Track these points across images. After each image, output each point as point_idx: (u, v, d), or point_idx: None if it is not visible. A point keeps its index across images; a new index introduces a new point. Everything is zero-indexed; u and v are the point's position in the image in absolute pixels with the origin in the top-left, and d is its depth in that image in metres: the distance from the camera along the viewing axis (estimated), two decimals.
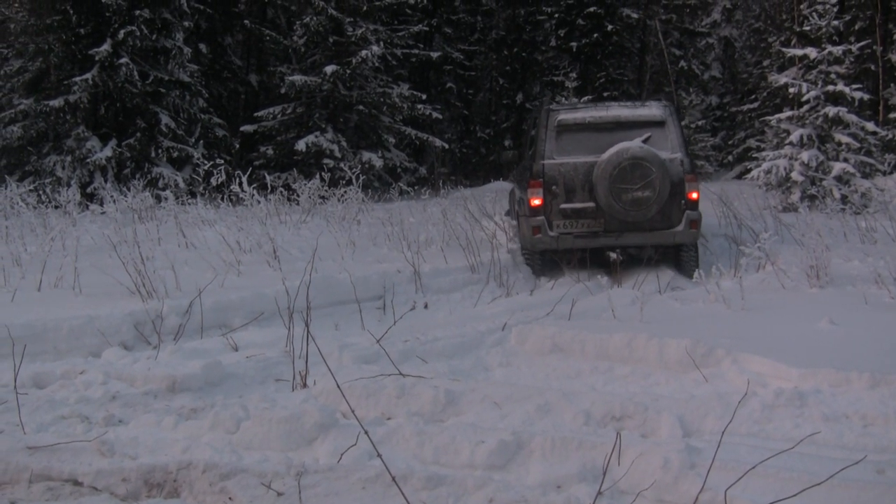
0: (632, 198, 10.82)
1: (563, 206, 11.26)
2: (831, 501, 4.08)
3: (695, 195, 11.22)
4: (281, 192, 17.57)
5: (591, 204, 11.15)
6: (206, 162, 17.71)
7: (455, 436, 5.01)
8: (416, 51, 34.18)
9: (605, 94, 34.52)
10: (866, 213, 15.81)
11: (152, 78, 25.64)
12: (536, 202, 11.31)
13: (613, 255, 11.11)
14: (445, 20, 38.72)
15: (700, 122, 37.42)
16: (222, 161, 18.62)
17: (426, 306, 10.21)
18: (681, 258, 11.65)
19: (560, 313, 8.97)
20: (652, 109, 11.54)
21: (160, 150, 25.60)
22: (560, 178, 11.27)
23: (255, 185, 14.98)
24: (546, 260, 12.05)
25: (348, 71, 27.98)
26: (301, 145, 27.02)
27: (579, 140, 11.42)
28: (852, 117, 19.46)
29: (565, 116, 11.55)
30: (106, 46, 24.51)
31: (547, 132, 11.48)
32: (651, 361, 6.89)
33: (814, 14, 20.92)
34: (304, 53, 29.88)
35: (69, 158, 24.91)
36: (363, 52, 27.62)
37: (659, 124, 11.39)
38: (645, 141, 11.10)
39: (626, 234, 11.22)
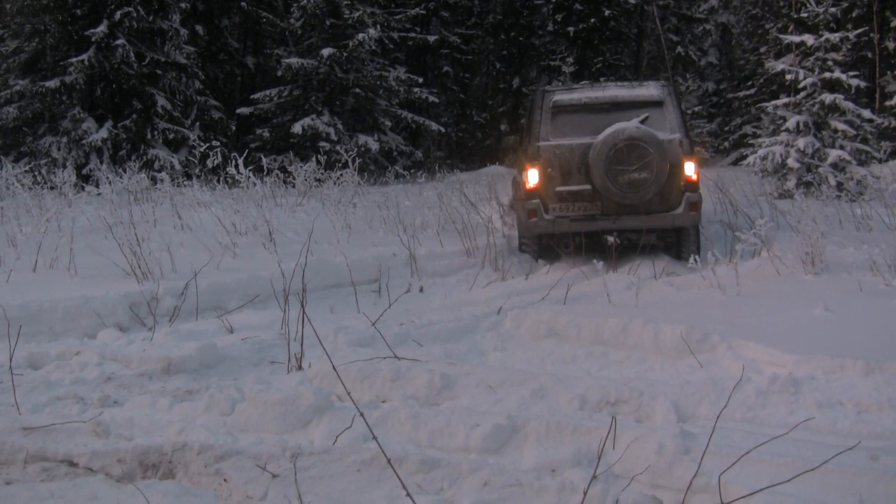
0: (628, 179, 10.55)
1: (559, 188, 10.95)
2: (825, 487, 4.10)
3: (694, 176, 10.98)
4: (277, 174, 17.51)
5: (588, 186, 10.86)
6: (202, 144, 17.67)
7: (450, 419, 5.01)
8: (412, 34, 34.12)
9: (602, 80, 34.42)
10: (862, 200, 15.78)
11: (149, 59, 25.57)
12: (531, 185, 11.04)
13: (610, 240, 10.71)
14: (442, 4, 38.58)
15: (696, 108, 37.36)
16: (218, 143, 18.62)
17: (421, 290, 10.22)
18: (681, 242, 11.42)
19: (555, 298, 8.99)
20: (650, 89, 11.33)
21: (156, 132, 25.55)
22: (556, 161, 10.98)
23: (251, 168, 14.95)
24: (543, 245, 11.78)
25: (345, 54, 27.93)
26: (297, 128, 26.99)
27: (575, 121, 11.15)
28: (849, 104, 19.43)
29: (561, 97, 11.31)
30: (102, 27, 24.43)
31: (542, 114, 11.22)
32: (646, 347, 6.90)
33: (811, 1, 20.88)
34: (300, 36, 29.79)
35: (65, 139, 24.84)
36: (360, 35, 27.58)
37: (657, 104, 11.15)
38: (643, 121, 10.82)
39: (624, 217, 10.94)
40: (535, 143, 11.14)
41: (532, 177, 11.05)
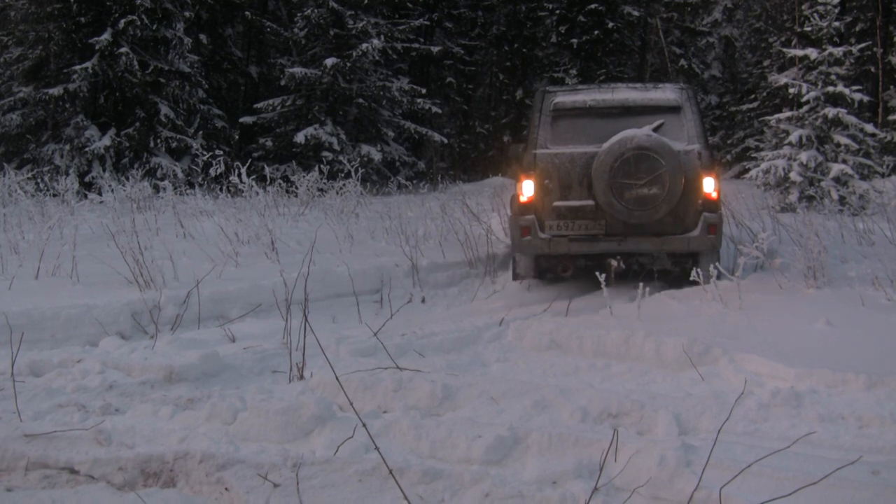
0: (636, 195, 9.29)
1: (557, 203, 9.75)
2: (826, 501, 4.09)
3: (714, 194, 9.67)
4: (279, 184, 17.59)
5: (590, 202, 9.64)
6: (204, 153, 17.76)
7: (452, 430, 5.01)
8: (416, 45, 34.25)
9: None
10: (864, 214, 15.83)
11: (152, 68, 25.68)
12: (526, 198, 9.88)
13: (614, 263, 9.86)
14: (446, 14, 38.76)
15: None
16: (221, 152, 18.67)
17: (423, 300, 10.21)
18: (698, 268, 9.41)
19: (557, 310, 8.99)
20: (666, 93, 10.00)
21: (159, 141, 25.65)
22: (554, 171, 9.78)
23: (253, 177, 15.04)
24: (541, 267, 10.68)
25: (348, 64, 28.04)
26: (300, 137, 27.10)
27: (579, 127, 9.94)
28: (852, 119, 19.49)
29: (563, 99, 10.03)
30: (106, 35, 24.54)
31: (541, 117, 9.99)
32: (648, 359, 6.90)
33: (815, 15, 20.93)
34: (304, 46, 29.92)
35: (68, 147, 24.93)
36: (363, 46, 27.69)
37: (674, 110, 9.83)
38: (656, 129, 9.60)
39: (631, 239, 9.70)
40: (532, 150, 9.96)
41: (527, 189, 9.92)
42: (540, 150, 9.91)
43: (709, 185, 9.64)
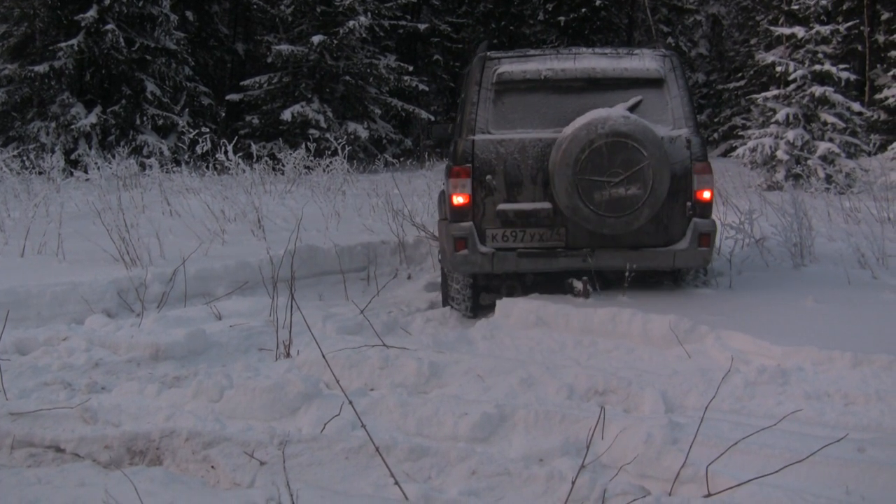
0: (609, 197, 7.30)
1: (503, 206, 7.68)
2: (812, 478, 4.11)
3: (707, 194, 7.69)
4: (266, 161, 17.54)
5: (547, 205, 7.64)
6: (191, 130, 17.70)
7: (438, 408, 5.01)
8: (403, 22, 34.11)
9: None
10: (850, 193, 15.87)
11: (138, 45, 25.56)
12: (461, 200, 7.68)
13: (579, 285, 7.79)
14: None
15: None
16: (208, 129, 18.56)
17: (409, 277, 10.21)
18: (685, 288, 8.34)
19: (544, 287, 8.97)
20: (644, 61, 7.83)
21: (145, 118, 25.56)
22: (499, 165, 7.64)
23: (240, 154, 14.98)
24: (479, 286, 8.63)
25: (335, 41, 27.95)
26: (287, 115, 27.04)
27: (532, 105, 7.79)
28: (838, 97, 19.54)
29: (510, 68, 7.79)
30: (92, 12, 24.38)
31: (480, 92, 7.76)
32: (635, 337, 6.88)
33: None
34: (291, 23, 29.80)
35: (53, 124, 24.81)
36: (350, 23, 27.60)
37: (654, 83, 7.78)
38: (633, 108, 7.61)
39: (600, 253, 7.69)
40: (468, 136, 7.71)
41: (461, 187, 7.69)
42: (479, 137, 7.70)
43: (701, 182, 7.68)
